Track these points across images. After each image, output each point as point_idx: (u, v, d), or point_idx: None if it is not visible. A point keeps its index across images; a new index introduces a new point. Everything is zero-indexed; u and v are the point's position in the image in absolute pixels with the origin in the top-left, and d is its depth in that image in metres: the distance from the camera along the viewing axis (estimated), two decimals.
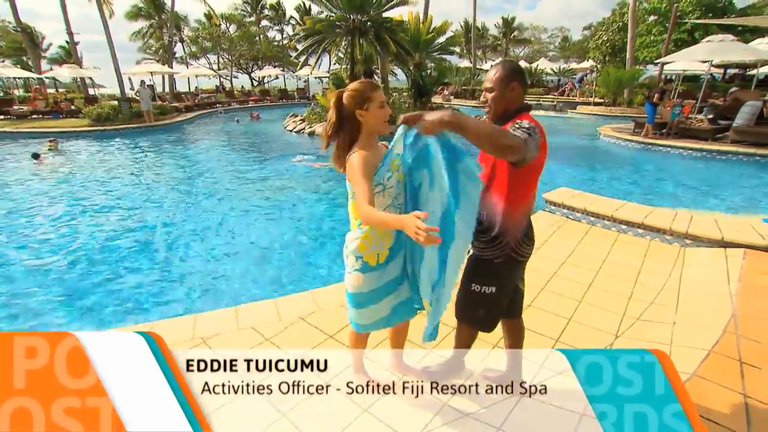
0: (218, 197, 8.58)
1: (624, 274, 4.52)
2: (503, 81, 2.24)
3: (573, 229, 5.88)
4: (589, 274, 4.55)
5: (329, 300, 3.92)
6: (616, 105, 25.41)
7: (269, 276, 5.27)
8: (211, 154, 13.58)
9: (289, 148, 15.24)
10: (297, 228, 6.92)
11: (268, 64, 45.66)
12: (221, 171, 11.02)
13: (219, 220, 7.32)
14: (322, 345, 3.28)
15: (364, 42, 17.57)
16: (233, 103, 32.92)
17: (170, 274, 5.31)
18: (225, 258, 5.77)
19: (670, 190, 9.25)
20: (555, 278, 4.44)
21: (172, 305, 4.61)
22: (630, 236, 5.59)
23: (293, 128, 18.77)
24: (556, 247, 5.25)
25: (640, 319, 3.63)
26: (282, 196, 8.71)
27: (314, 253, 5.94)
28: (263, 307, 3.81)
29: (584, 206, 6.08)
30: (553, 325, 3.56)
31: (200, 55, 44.91)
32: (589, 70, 35.37)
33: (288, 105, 34.06)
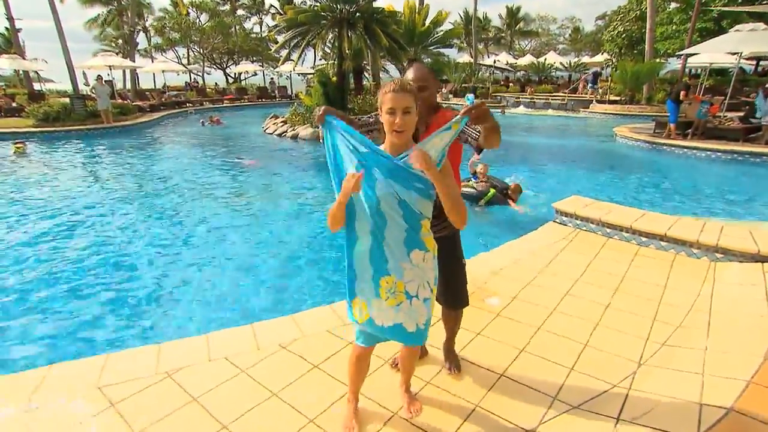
0: (184, 210, 8.52)
1: (646, 293, 4.51)
2: (433, 78, 2.80)
3: (587, 243, 5.89)
4: (606, 293, 4.54)
5: (313, 325, 3.88)
6: (634, 103, 25.68)
7: (244, 298, 5.22)
8: (180, 162, 13.53)
9: (269, 153, 15.22)
10: (275, 243, 6.89)
11: (245, 59, 45.83)
12: (188, 181, 10.95)
13: (183, 235, 7.28)
14: (307, 376, 3.24)
15: (353, 35, 17.67)
16: (206, 102, 32.99)
17: (127, 297, 5.24)
18: (192, 278, 5.72)
19: (696, 198, 9.33)
20: (568, 298, 4.43)
21: (131, 333, 4.53)
22: (652, 250, 5.60)
23: (274, 131, 18.82)
24: (569, 263, 5.25)
25: (666, 344, 3.62)
26: (256, 207, 8.68)
27: (298, 271, 5.90)
28: (239, 335, 3.77)
29: (599, 216, 6.10)
30: (567, 351, 3.54)
31: (167, 48, 44.91)
32: (603, 65, 35.75)
33: (268, 105, 34.22)
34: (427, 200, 2.28)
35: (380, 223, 2.27)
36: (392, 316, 2.38)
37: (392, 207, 2.24)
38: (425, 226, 2.33)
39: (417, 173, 2.22)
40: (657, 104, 24.65)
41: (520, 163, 12.65)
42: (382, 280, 2.34)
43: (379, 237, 2.29)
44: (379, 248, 2.31)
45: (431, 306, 2.44)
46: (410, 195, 2.23)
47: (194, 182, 10.79)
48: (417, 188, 2.24)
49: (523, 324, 3.95)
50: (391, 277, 2.32)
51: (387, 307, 2.37)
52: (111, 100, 20.69)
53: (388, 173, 2.23)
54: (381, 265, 2.33)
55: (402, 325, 2.40)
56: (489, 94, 34.81)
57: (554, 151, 15.39)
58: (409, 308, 2.37)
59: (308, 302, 5.07)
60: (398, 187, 2.22)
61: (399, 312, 2.37)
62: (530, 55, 49.87)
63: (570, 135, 19.69)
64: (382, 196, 2.23)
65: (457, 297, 3.11)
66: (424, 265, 2.35)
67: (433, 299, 2.45)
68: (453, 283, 3.06)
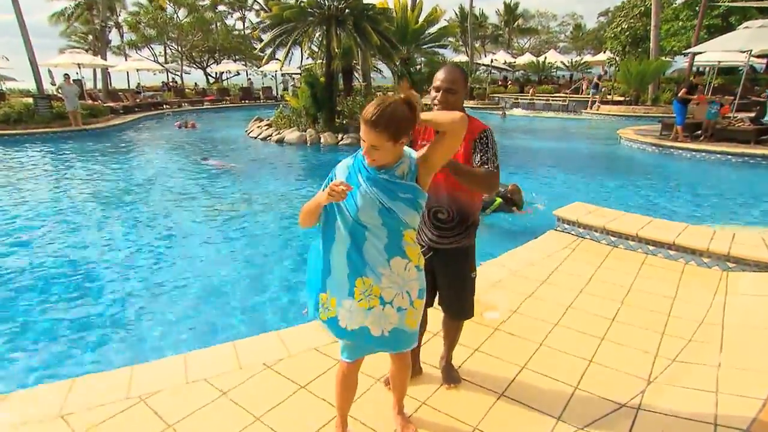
0: (156, 221, 8.45)
1: (654, 305, 4.52)
2: (464, 83, 2.80)
3: (590, 252, 5.90)
4: (611, 305, 4.54)
5: (300, 342, 3.85)
6: (639, 103, 25.89)
7: (225, 314, 5.17)
8: (154, 168, 13.38)
9: (252, 159, 15.19)
10: (259, 255, 6.86)
11: (227, 58, 45.79)
12: (162, 189, 10.84)
13: (155, 246, 7.22)
14: (293, 398, 3.21)
15: (342, 33, 17.70)
16: (184, 104, 32.87)
17: (93, 315, 5.14)
18: (166, 293, 5.66)
19: (706, 204, 9.40)
20: (571, 311, 4.42)
21: (99, 355, 4.42)
22: (660, 259, 5.61)
23: (258, 134, 18.81)
24: (571, 274, 5.25)
25: (676, 360, 3.61)
26: (239, 216, 8.65)
27: (283, 284, 5.87)
28: (219, 353, 3.73)
29: (603, 224, 6.12)
30: (571, 368, 3.53)
31: (142, 45, 44.59)
32: (605, 64, 36.03)
33: (252, 106, 34.24)
34: (414, 210, 2.32)
35: (359, 227, 2.32)
36: (360, 318, 2.40)
37: (372, 214, 2.28)
38: (408, 235, 2.38)
39: (403, 184, 2.29)
40: (663, 105, 24.87)
41: (519, 167, 12.67)
42: (358, 280, 2.36)
43: (359, 239, 2.33)
44: (358, 250, 2.34)
45: (406, 318, 2.44)
46: (397, 205, 2.27)
47: (169, 191, 10.69)
48: (403, 198, 2.28)
49: (523, 339, 3.93)
50: (369, 279, 2.35)
51: (357, 309, 2.38)
52: (80, 101, 20.42)
53: (372, 182, 2.28)
54: (359, 265, 2.35)
55: (368, 329, 2.42)
56: (486, 95, 34.98)
57: (555, 155, 15.47)
58: (380, 313, 2.39)
59: (294, 318, 5.03)
60: (383, 196, 2.26)
61: (368, 316, 2.39)
62: (529, 53, 50.26)
63: (571, 138, 19.80)
64: (363, 202, 2.28)
65: (464, 309, 3.17)
66: (406, 275, 2.39)
67: (413, 312, 2.46)
68: (462, 295, 3.12)
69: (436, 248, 3.00)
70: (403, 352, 2.59)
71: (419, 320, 2.53)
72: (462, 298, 3.13)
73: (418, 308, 2.47)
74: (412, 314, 2.46)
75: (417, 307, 2.46)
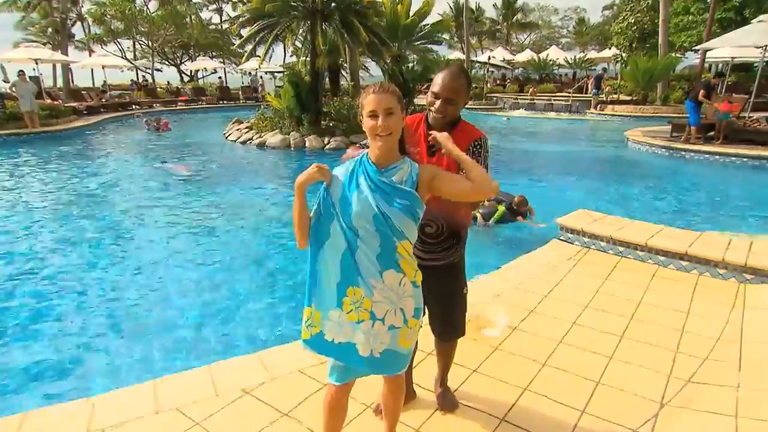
0: (119, 233, 8.38)
1: (666, 321, 4.52)
2: (467, 92, 2.81)
3: (596, 263, 5.91)
4: (620, 321, 4.54)
5: (283, 364, 3.82)
6: (648, 103, 26.05)
7: (199, 334, 5.12)
8: (120, 175, 13.18)
9: (231, 164, 15.14)
10: (237, 269, 6.83)
11: (202, 54, 45.75)
12: (129, 198, 10.71)
13: (118, 260, 7.16)
14: (275, 427, 3.17)
15: (328, 28, 17.78)
16: (156, 104, 32.73)
17: (47, 339, 5.02)
18: (131, 313, 5.59)
19: (721, 210, 9.47)
20: (576, 328, 4.42)
21: (55, 386, 4.29)
22: (671, 270, 5.63)
23: (237, 138, 18.77)
24: (576, 287, 5.25)
25: (691, 380, 3.61)
26: (214, 226, 8.61)
27: (263, 300, 5.84)
28: (193, 379, 3.68)
29: (610, 233, 6.13)
30: (577, 390, 3.52)
31: (108, 40, 44.19)
32: (610, 61, 36.23)
33: (230, 107, 34.14)
34: (410, 219, 2.34)
35: (352, 233, 2.33)
36: (348, 332, 2.40)
37: (366, 219, 2.30)
38: (403, 247, 2.37)
39: (402, 189, 2.32)
40: (673, 104, 25.04)
41: (520, 172, 12.72)
42: (349, 289, 2.36)
43: (353, 245, 2.33)
44: (351, 257, 2.34)
45: (399, 338, 2.42)
46: (393, 211, 2.29)
47: (132, 201, 10.54)
48: (400, 205, 2.31)
49: (525, 358, 3.92)
50: (360, 290, 2.35)
51: (346, 321, 2.39)
52: (37, 101, 20.05)
53: (371, 185, 2.32)
54: (351, 274, 2.35)
55: (354, 345, 2.41)
56: (484, 95, 35.12)
57: (557, 159, 15.57)
58: (369, 330, 2.38)
59: (276, 337, 5.00)
60: (380, 201, 2.29)
61: (357, 330, 2.38)
62: (529, 50, 50.63)
63: (575, 140, 19.90)
64: (359, 206, 2.30)
65: (451, 327, 3.15)
66: (400, 290, 2.39)
67: (407, 332, 2.44)
68: (449, 313, 3.10)
69: (424, 266, 2.90)
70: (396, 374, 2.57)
71: (414, 341, 2.53)
72: (453, 317, 3.13)
73: (413, 328, 2.45)
74: (406, 334, 2.44)
75: (412, 327, 2.45)
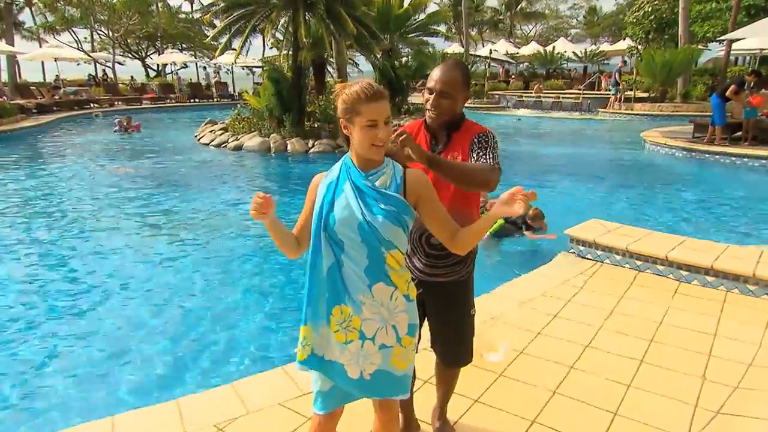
0: (74, 249, 8.31)
1: (690, 344, 4.51)
2: (464, 86, 2.83)
3: (611, 279, 5.91)
4: (638, 344, 4.52)
5: (261, 396, 3.77)
6: (666, 100, 26.18)
7: (164, 362, 5.05)
8: (72, 185, 12.96)
9: (202, 170, 15.07)
10: (207, 287, 6.80)
11: (171, 47, 45.64)
12: (84, 213, 10.54)
13: (70, 279, 7.13)
14: None
15: (312, 18, 17.80)
16: (118, 102, 32.58)
17: None
18: (86, 338, 5.50)
19: (749, 220, 9.50)
20: (589, 351, 4.40)
21: None
22: (695, 287, 5.64)
23: (211, 140, 18.76)
24: (589, 307, 5.24)
25: (720, 412, 3.60)
26: (186, 241, 8.59)
27: (236, 321, 5.80)
28: (158, 415, 3.63)
29: (626, 245, 6.14)
30: (592, 422, 3.50)
31: (62, 29, 43.70)
32: (625, 54, 36.43)
33: (203, 106, 34.12)
34: (398, 227, 2.33)
35: (337, 244, 2.35)
36: (335, 352, 2.41)
37: (351, 228, 2.31)
38: (393, 258, 2.37)
39: (387, 194, 2.32)
40: (695, 101, 25.18)
41: (526, 178, 12.73)
42: (335, 308, 2.37)
43: (339, 258, 2.35)
44: (338, 271, 2.35)
45: (392, 358, 2.42)
46: (377, 219, 2.29)
47: (85, 212, 10.45)
48: (385, 211, 2.30)
49: (532, 386, 3.89)
50: (347, 308, 2.35)
51: (334, 342, 2.40)
52: None
53: (357, 190, 2.32)
54: (337, 291, 2.36)
55: (343, 367, 2.41)
56: (485, 93, 35.27)
57: (566, 163, 15.66)
58: (358, 351, 2.37)
59: (254, 362, 4.97)
60: (366, 209, 2.30)
61: (344, 352, 2.38)
62: (535, 42, 51.03)
63: (586, 142, 20.02)
64: (343, 214, 2.31)
65: (461, 353, 3.13)
66: (392, 305, 2.38)
67: (400, 351, 2.43)
68: (459, 337, 3.09)
69: (428, 281, 2.95)
70: (389, 400, 2.54)
71: (411, 361, 2.50)
72: (459, 341, 3.10)
73: (407, 347, 2.44)
74: (400, 354, 2.42)
75: (406, 345, 2.43)
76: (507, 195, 2.19)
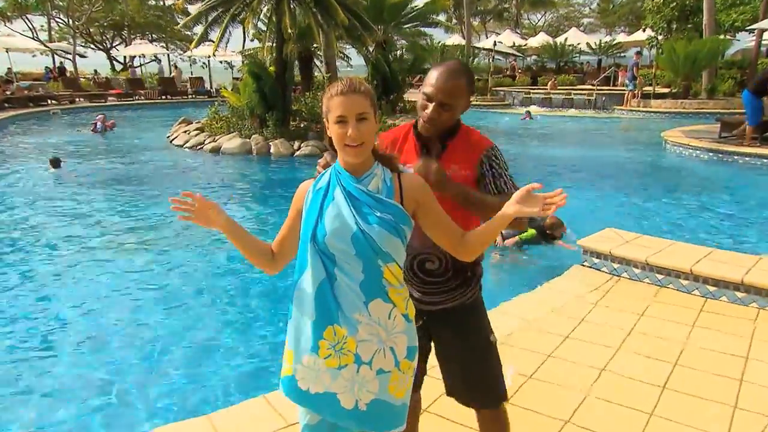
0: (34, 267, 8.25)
1: (719, 367, 4.49)
2: (467, 94, 2.71)
3: (629, 295, 5.90)
4: (661, 367, 4.50)
5: (240, 429, 3.75)
6: (690, 96, 26.23)
7: (130, 392, 5.00)
8: (28, 196, 12.70)
9: (175, 176, 15.01)
10: (181, 307, 6.77)
11: (139, 37, 45.55)
12: (36, 224, 10.46)
13: (23, 295, 7.09)
14: None
15: (298, 7, 17.81)
16: (79, 98, 32.50)
17: None
18: (37, 366, 5.45)
19: None
20: (606, 376, 4.38)
21: None
22: (724, 303, 5.63)
23: (185, 142, 18.77)
24: (605, 326, 5.22)
25: None
26: (155, 255, 8.57)
27: (212, 346, 5.78)
28: None
29: (645, 257, 6.12)
30: None
31: (14, 16, 43.16)
32: (644, 46, 36.49)
33: (176, 104, 34.08)
34: (396, 237, 2.30)
35: (329, 258, 2.31)
36: (326, 381, 2.34)
37: (344, 241, 2.27)
38: (390, 272, 2.33)
39: (383, 200, 2.29)
40: (722, 97, 25.24)
41: (533, 181, 12.69)
42: (327, 330, 2.31)
43: (331, 274, 2.30)
44: (330, 288, 2.30)
45: (389, 384, 2.38)
46: (373, 229, 2.26)
47: (46, 223, 10.38)
48: (381, 220, 2.27)
49: (542, 416, 3.86)
50: (341, 329, 2.30)
51: (324, 368, 2.33)
52: None
53: (349, 196, 2.29)
54: (329, 310, 2.30)
55: (335, 396, 2.35)
56: (488, 89, 35.36)
57: (579, 166, 15.68)
58: (353, 377, 2.32)
59: (232, 392, 4.92)
60: (360, 217, 2.26)
61: (338, 378, 2.33)
62: (544, 33, 51.19)
63: (601, 143, 20.07)
64: (335, 224, 2.27)
65: (482, 390, 2.94)
66: (390, 325, 2.34)
67: (398, 377, 2.39)
68: (474, 372, 2.92)
69: (428, 311, 2.84)
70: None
71: (409, 389, 2.46)
72: (481, 376, 2.92)
73: (405, 372, 2.41)
74: (398, 380, 2.39)
75: (405, 370, 2.40)
76: (524, 192, 2.27)
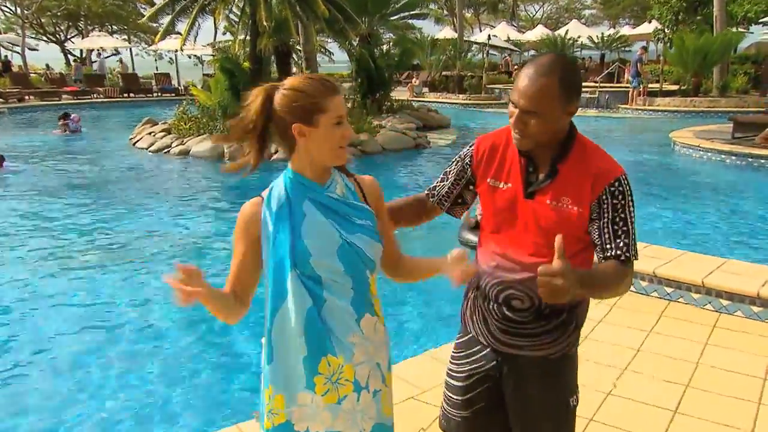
0: None
1: (735, 389, 4.49)
2: (560, 98, 2.28)
3: (636, 310, 5.91)
4: (671, 389, 4.50)
5: None
6: (700, 93, 26.35)
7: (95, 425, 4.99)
8: None
9: (138, 182, 14.94)
10: (149, 332, 6.76)
11: (98, 29, 45.29)
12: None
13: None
14: None
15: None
16: (29, 96, 32.29)
17: None
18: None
19: None
20: (611, 401, 4.38)
21: None
22: (738, 319, 5.64)
23: (150, 144, 18.68)
24: (610, 344, 5.24)
25: None
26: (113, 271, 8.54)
27: (181, 375, 5.78)
28: None
29: (653, 269, 6.14)
30: None
31: None
32: (647, 41, 36.65)
33: (139, 102, 33.95)
34: (377, 242, 2.30)
35: (315, 281, 2.25)
36: (326, 419, 2.30)
37: (331, 258, 2.22)
38: (374, 281, 2.36)
39: (360, 206, 2.31)
40: (735, 95, 25.38)
41: None
42: (322, 362, 2.27)
43: (319, 296, 2.25)
44: (317, 315, 2.25)
45: (382, 404, 2.39)
46: (358, 237, 2.25)
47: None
48: (361, 226, 2.27)
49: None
50: (337, 359, 2.26)
51: (322, 406, 2.29)
52: None
53: (324, 208, 2.25)
54: (321, 340, 2.26)
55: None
56: (483, 86, 35.39)
57: None
58: (354, 406, 2.31)
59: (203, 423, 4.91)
60: (342, 228, 2.24)
61: (339, 412, 2.29)
62: (542, 26, 51.37)
63: (606, 145, 19.33)
64: (317, 242, 2.21)
65: None
66: (376, 339, 2.36)
67: (387, 393, 2.41)
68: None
69: (504, 353, 2.56)
70: None
71: (392, 404, 2.47)
72: None
73: (389, 386, 2.43)
74: (386, 396, 2.41)
75: (389, 384, 2.43)
76: (458, 254, 2.35)
